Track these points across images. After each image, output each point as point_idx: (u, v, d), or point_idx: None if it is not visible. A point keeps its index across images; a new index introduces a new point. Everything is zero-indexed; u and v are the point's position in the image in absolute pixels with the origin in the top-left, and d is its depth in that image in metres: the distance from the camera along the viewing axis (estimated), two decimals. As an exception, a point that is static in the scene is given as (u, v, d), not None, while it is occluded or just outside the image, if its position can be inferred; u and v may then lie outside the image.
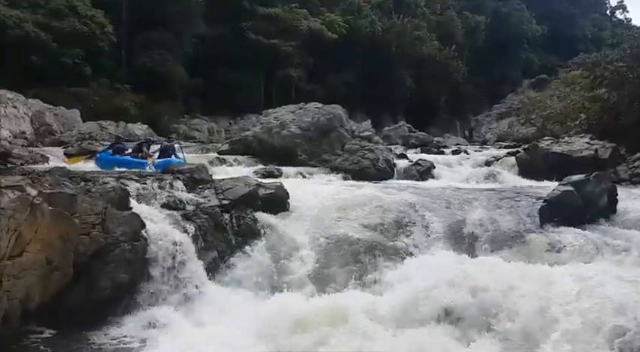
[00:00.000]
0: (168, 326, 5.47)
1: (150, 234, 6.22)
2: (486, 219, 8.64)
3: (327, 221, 8.42)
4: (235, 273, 6.82)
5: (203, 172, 8.48)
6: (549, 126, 20.61)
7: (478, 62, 55.75)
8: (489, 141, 33.26)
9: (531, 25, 61.99)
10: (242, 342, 5.03)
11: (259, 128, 18.24)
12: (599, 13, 78.57)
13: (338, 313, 5.60)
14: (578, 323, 5.03)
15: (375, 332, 5.29)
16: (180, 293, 6.08)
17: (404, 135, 29.86)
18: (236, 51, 36.42)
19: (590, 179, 8.93)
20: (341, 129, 17.59)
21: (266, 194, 8.54)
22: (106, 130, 24.31)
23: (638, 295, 5.40)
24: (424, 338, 5.23)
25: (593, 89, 17.52)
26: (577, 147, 14.59)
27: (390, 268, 7.25)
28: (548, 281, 5.94)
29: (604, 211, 8.80)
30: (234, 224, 7.53)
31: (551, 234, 8.05)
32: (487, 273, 6.13)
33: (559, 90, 24.73)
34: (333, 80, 43.09)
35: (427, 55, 49.58)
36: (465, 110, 54.70)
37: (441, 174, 16.39)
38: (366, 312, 5.63)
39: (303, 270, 7.02)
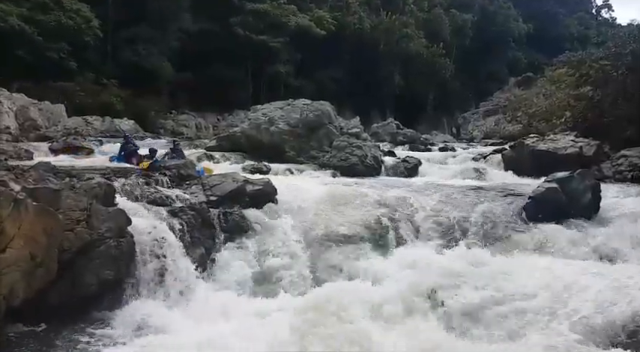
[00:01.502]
0: (154, 323, 5.44)
1: (136, 231, 6.18)
2: (472, 215, 8.74)
3: (315, 217, 8.46)
4: (223, 269, 6.81)
5: (190, 168, 8.44)
6: (535, 123, 20.80)
7: (465, 60, 56.14)
8: (476, 138, 33.50)
9: (518, 24, 62.58)
10: (231, 339, 5.02)
11: (247, 124, 18.15)
12: (585, 12, 79.54)
13: (329, 307, 5.63)
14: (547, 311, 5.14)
15: (368, 325, 5.33)
16: (167, 290, 6.05)
17: (392, 132, 29.93)
18: (224, 46, 36.20)
19: (574, 176, 9.08)
20: (329, 125, 17.58)
21: (254, 190, 8.52)
22: (91, 125, 24.04)
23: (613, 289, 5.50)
24: (415, 329, 5.29)
25: (578, 87, 17.72)
26: (562, 145, 14.75)
27: (378, 262, 7.31)
28: (529, 274, 6.04)
29: (588, 208, 8.93)
30: (221, 220, 7.52)
31: (536, 230, 8.18)
32: (470, 268, 6.21)
33: (545, 88, 24.98)
34: (322, 76, 43.08)
35: (415, 53, 49.78)
36: (452, 107, 55.05)
37: (428, 171, 16.48)
38: (358, 305, 5.67)
39: (291, 265, 7.04)
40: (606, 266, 6.90)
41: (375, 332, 5.15)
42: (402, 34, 49.09)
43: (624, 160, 13.46)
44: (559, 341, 4.81)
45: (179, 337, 5.07)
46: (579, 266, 6.75)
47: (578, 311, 5.23)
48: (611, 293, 5.42)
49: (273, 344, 4.88)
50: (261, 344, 4.87)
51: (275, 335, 4.98)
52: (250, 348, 4.79)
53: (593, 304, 5.30)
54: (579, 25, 72.70)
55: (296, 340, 4.93)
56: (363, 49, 45.51)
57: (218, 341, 4.94)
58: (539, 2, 69.33)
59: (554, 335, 4.95)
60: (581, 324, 4.99)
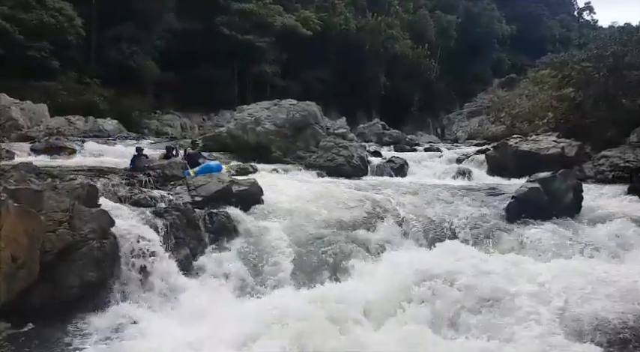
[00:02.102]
0: (138, 324, 5.40)
1: (119, 232, 6.11)
2: (457, 215, 8.82)
3: (301, 217, 8.46)
4: (208, 270, 6.76)
5: (175, 168, 8.37)
6: (518, 124, 21.04)
7: (450, 61, 56.59)
8: (461, 138, 33.77)
9: (501, 25, 63.24)
10: (216, 339, 5.00)
11: (233, 124, 18.06)
12: (567, 14, 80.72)
13: (314, 307, 5.65)
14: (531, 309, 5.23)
15: (354, 325, 5.35)
16: (151, 291, 6.00)
17: (378, 133, 30.05)
18: (210, 46, 35.96)
19: (556, 176, 9.22)
20: (316, 126, 17.59)
21: (240, 190, 8.51)
22: (74, 125, 23.70)
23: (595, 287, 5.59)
24: (402, 329, 5.32)
25: (561, 88, 17.98)
26: (544, 146, 14.95)
27: (364, 262, 7.34)
28: (513, 273, 6.12)
29: (569, 208, 9.08)
30: (206, 221, 7.48)
31: (518, 229, 8.29)
32: (455, 267, 6.27)
33: (528, 89, 25.28)
34: (308, 77, 43.07)
35: (400, 54, 50.03)
36: (437, 108, 55.44)
37: (414, 171, 16.60)
38: (343, 305, 5.69)
39: (277, 266, 7.01)
40: (588, 264, 7.02)
41: (363, 332, 5.17)
42: (388, 35, 49.31)
43: (605, 160, 13.71)
44: (543, 339, 4.88)
45: (162, 339, 5.03)
46: (562, 265, 6.86)
47: (561, 309, 5.32)
48: (594, 291, 5.51)
49: (259, 346, 4.88)
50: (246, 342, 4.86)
51: (262, 338, 4.97)
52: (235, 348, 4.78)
53: (576, 302, 5.40)
54: (562, 27, 73.74)
55: (283, 341, 4.93)
56: (349, 50, 45.62)
57: (203, 340, 4.91)
58: (523, 4, 70.22)
59: (538, 333, 5.02)
60: (564, 322, 5.07)
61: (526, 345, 4.89)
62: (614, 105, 15.57)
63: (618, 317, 4.95)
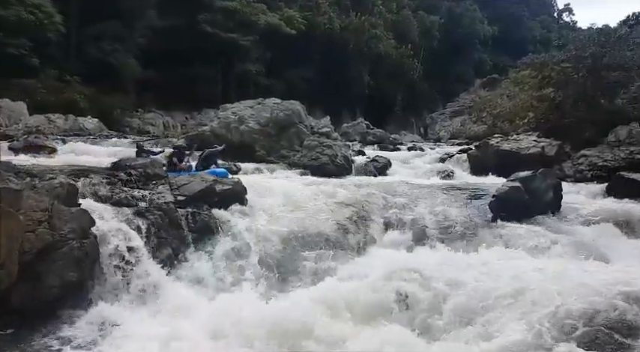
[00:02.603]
0: (120, 326, 5.34)
1: (100, 232, 6.04)
2: (439, 214, 8.91)
3: (285, 216, 8.45)
4: (191, 270, 6.72)
5: (157, 167, 8.27)
6: (499, 124, 21.34)
7: (433, 61, 57.06)
8: (443, 138, 34.11)
9: (483, 26, 64.00)
10: (197, 339, 4.97)
11: (217, 123, 17.99)
12: (547, 15, 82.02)
13: (296, 307, 5.65)
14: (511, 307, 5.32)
15: (335, 326, 5.36)
16: (133, 292, 5.94)
17: (362, 132, 30.18)
18: (193, 44, 35.65)
19: (536, 175, 9.36)
20: (300, 125, 17.59)
21: (223, 190, 8.43)
22: (54, 124, 23.34)
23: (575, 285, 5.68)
24: (384, 328, 5.35)
25: (541, 89, 18.28)
26: (525, 145, 15.19)
27: (347, 262, 7.36)
28: (493, 271, 6.19)
29: (549, 206, 9.23)
30: (189, 220, 7.40)
31: (499, 228, 8.39)
32: (438, 266, 6.32)
33: (509, 89, 25.65)
34: (292, 76, 43.03)
35: (384, 53, 50.28)
36: (420, 108, 55.86)
37: (397, 170, 16.72)
38: (325, 306, 5.71)
39: (260, 266, 7.00)
40: (568, 263, 7.14)
41: (344, 332, 5.19)
42: (372, 34, 49.51)
43: (584, 160, 13.98)
44: (524, 338, 4.93)
45: (144, 339, 4.99)
46: (542, 263, 6.97)
47: (541, 308, 5.37)
48: (573, 289, 5.58)
49: (241, 345, 4.87)
50: (229, 345, 4.84)
51: (242, 343, 4.96)
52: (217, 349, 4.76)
53: (556, 300, 5.46)
54: (542, 27, 74.89)
55: (264, 341, 4.94)
56: (333, 49, 45.69)
57: (185, 341, 4.88)
58: (504, 5, 71.14)
59: (518, 332, 5.08)
60: (544, 320, 5.12)
61: (507, 344, 4.93)
62: (593, 106, 15.88)
63: (595, 315, 5.02)
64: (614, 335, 4.69)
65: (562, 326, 4.96)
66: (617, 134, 14.64)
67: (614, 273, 6.34)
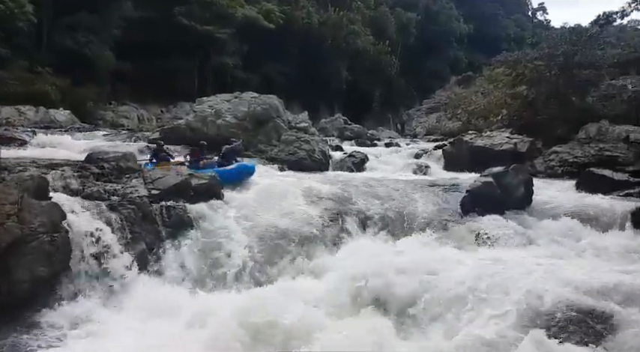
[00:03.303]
0: (91, 320, 5.27)
1: (71, 225, 5.93)
2: (414, 209, 9.02)
3: (261, 211, 8.43)
4: (165, 265, 6.66)
5: (130, 161, 8.13)
6: (474, 120, 21.65)
7: (410, 58, 57.45)
8: (419, 134, 34.41)
9: (459, 24, 64.70)
10: (169, 334, 4.94)
11: (193, 116, 17.77)
12: (522, 14, 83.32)
13: (272, 303, 5.66)
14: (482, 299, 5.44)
15: (311, 320, 5.40)
16: (105, 286, 5.85)
17: (339, 128, 30.23)
18: (169, 36, 35.05)
19: (508, 171, 9.55)
20: (277, 119, 17.53)
21: (199, 184, 8.37)
22: (24, 116, 22.70)
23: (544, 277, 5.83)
24: (357, 322, 5.40)
25: (514, 86, 18.60)
26: (498, 141, 15.48)
27: (324, 256, 7.40)
28: (465, 264, 6.31)
29: (521, 201, 9.44)
30: (164, 215, 7.32)
31: (472, 222, 8.55)
32: (412, 260, 6.41)
33: (483, 86, 26.01)
34: (271, 70, 42.75)
35: (362, 49, 50.38)
36: (397, 104, 56.22)
37: (375, 165, 16.83)
38: (300, 301, 5.74)
39: (234, 261, 6.97)
40: (538, 255, 7.32)
41: (316, 326, 5.22)
42: (350, 30, 49.54)
43: (555, 156, 14.31)
44: (494, 328, 5.05)
45: (116, 334, 4.93)
46: (513, 256, 7.14)
47: (513, 298, 5.50)
48: (544, 281, 5.73)
49: (212, 343, 4.86)
50: (198, 343, 4.83)
51: (214, 335, 4.96)
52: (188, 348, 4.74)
53: (525, 292, 5.59)
54: (516, 26, 76.02)
55: (236, 338, 4.94)
56: (311, 44, 45.56)
57: (158, 335, 4.84)
58: (479, 3, 72.05)
59: (490, 323, 5.19)
60: (515, 311, 5.24)
61: (480, 334, 5.03)
62: (565, 103, 16.26)
63: (565, 306, 5.15)
64: (584, 325, 4.85)
65: (533, 316, 5.10)
66: (588, 131, 15.02)
67: (583, 266, 6.56)
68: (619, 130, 14.52)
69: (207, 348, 4.79)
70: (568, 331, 4.84)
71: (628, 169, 12.21)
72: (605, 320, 4.85)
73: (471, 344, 4.75)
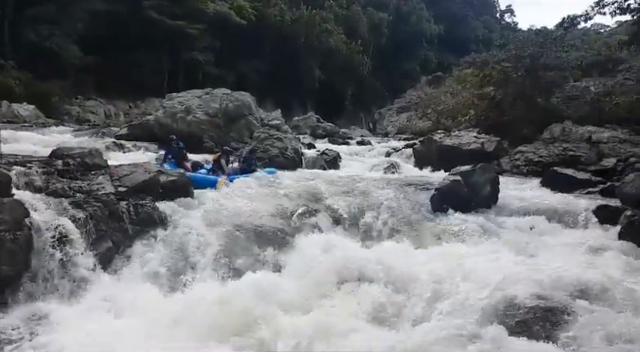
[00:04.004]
0: (54, 321, 5.12)
1: (35, 223, 5.75)
2: (385, 207, 9.11)
3: (231, 209, 8.36)
4: (132, 263, 6.52)
5: (96, 157, 7.93)
6: (443, 120, 22.03)
7: (381, 58, 57.99)
8: (391, 133, 34.72)
9: (430, 25, 65.69)
10: (135, 334, 4.85)
11: (162, 112, 17.52)
12: (490, 16, 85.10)
13: (242, 298, 5.64)
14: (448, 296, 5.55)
15: (278, 313, 5.40)
16: (69, 286, 5.69)
17: (312, 126, 30.29)
18: (137, 30, 34.37)
19: (475, 170, 9.76)
20: (250, 116, 17.45)
21: (168, 181, 8.25)
22: (-16, 110, 21.92)
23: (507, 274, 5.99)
24: (324, 318, 5.43)
25: (482, 87, 19.02)
26: (466, 141, 15.80)
27: (292, 253, 7.41)
28: (433, 262, 6.43)
29: (488, 199, 9.65)
30: (131, 212, 7.15)
31: (440, 219, 8.70)
32: (381, 257, 6.49)
33: (452, 87, 26.51)
34: (243, 67, 42.42)
35: (334, 48, 50.56)
36: (369, 103, 56.68)
37: (347, 163, 16.94)
38: (268, 295, 5.73)
39: (203, 259, 6.89)
40: (503, 252, 7.50)
41: (286, 322, 5.24)
42: (322, 29, 49.64)
43: (521, 155, 14.70)
44: (455, 324, 5.16)
45: (79, 334, 4.81)
46: (478, 252, 7.30)
47: (475, 296, 5.63)
48: (507, 278, 5.87)
49: (177, 340, 4.81)
50: (164, 341, 4.77)
51: (181, 332, 4.90)
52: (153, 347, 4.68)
53: (489, 287, 5.73)
54: (485, 28, 77.65)
55: (203, 335, 4.91)
56: (284, 42, 45.43)
57: (121, 336, 4.75)
58: (449, 5, 73.25)
59: (452, 319, 5.30)
60: (478, 307, 5.36)
61: (441, 331, 5.12)
62: (530, 104, 16.72)
63: (527, 302, 5.29)
64: (545, 319, 4.99)
65: (493, 313, 5.23)
66: (552, 131, 15.48)
67: (547, 261, 6.76)
68: (582, 131, 15.03)
69: (171, 346, 4.74)
70: (529, 326, 4.97)
71: (590, 169, 12.65)
72: (566, 315, 4.99)
73: (431, 339, 4.83)
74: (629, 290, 5.57)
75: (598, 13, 14.84)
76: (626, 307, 5.21)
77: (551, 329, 4.88)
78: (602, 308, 5.07)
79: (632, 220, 7.94)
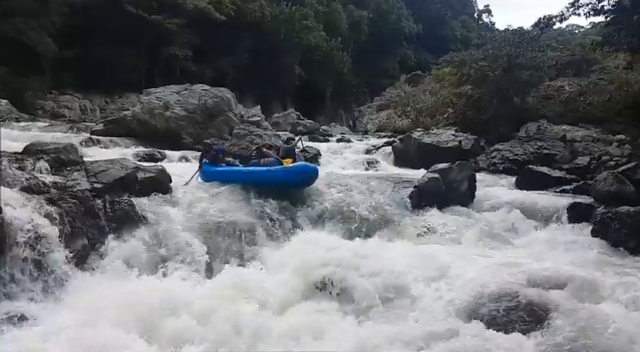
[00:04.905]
0: (29, 319, 5.02)
1: (7, 220, 5.62)
2: (364, 203, 9.15)
3: (210, 205, 8.31)
4: (108, 260, 6.42)
5: (72, 153, 7.78)
6: (422, 118, 22.20)
7: (361, 55, 58.17)
8: (370, 131, 34.81)
9: (409, 23, 66.06)
10: (112, 332, 4.79)
11: (139, 108, 17.23)
12: (468, 16, 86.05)
13: (220, 294, 5.62)
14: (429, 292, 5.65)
15: (258, 310, 5.40)
16: (43, 283, 5.59)
17: (292, 123, 30.16)
18: (115, 24, 33.74)
19: (453, 167, 9.89)
20: (229, 113, 17.31)
21: (145, 177, 8.15)
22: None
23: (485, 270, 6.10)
24: (305, 313, 5.45)
25: (460, 86, 19.23)
26: (444, 139, 15.97)
27: (273, 249, 7.41)
28: (413, 258, 6.50)
29: (465, 196, 9.80)
30: (107, 209, 7.05)
31: (419, 216, 8.79)
32: (359, 253, 6.53)
33: (431, 85, 26.74)
34: (223, 63, 42.01)
35: (314, 45, 50.50)
36: (349, 101, 56.82)
37: (326, 161, 16.92)
38: (248, 292, 5.73)
39: (181, 256, 6.83)
40: (480, 249, 7.64)
41: (265, 318, 5.24)
42: (303, 25, 49.52)
43: (497, 153, 14.92)
44: (435, 318, 5.23)
45: (53, 333, 4.72)
46: (455, 249, 7.42)
47: (453, 291, 5.72)
48: (484, 274, 5.98)
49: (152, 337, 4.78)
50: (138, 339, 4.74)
51: (156, 329, 4.88)
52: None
53: (467, 283, 5.82)
54: (463, 27, 78.48)
55: (184, 331, 4.88)
56: (264, 38, 45.15)
57: (96, 333, 4.69)
58: (428, 4, 73.87)
59: (431, 313, 5.37)
60: (455, 302, 5.45)
61: (421, 325, 5.19)
62: (507, 103, 16.98)
63: (504, 297, 5.39)
64: (523, 313, 5.10)
65: (472, 308, 5.32)
66: (528, 130, 15.76)
67: (522, 257, 6.90)
68: (557, 129, 15.34)
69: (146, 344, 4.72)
70: (508, 320, 5.05)
71: (564, 167, 12.91)
72: (542, 309, 5.10)
73: (411, 334, 4.90)
74: (601, 285, 5.74)
75: (573, 13, 15.14)
76: (598, 300, 5.36)
77: (528, 323, 4.98)
78: (575, 301, 5.19)
79: (604, 218, 8.15)
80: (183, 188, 8.91)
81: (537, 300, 5.22)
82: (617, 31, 12.15)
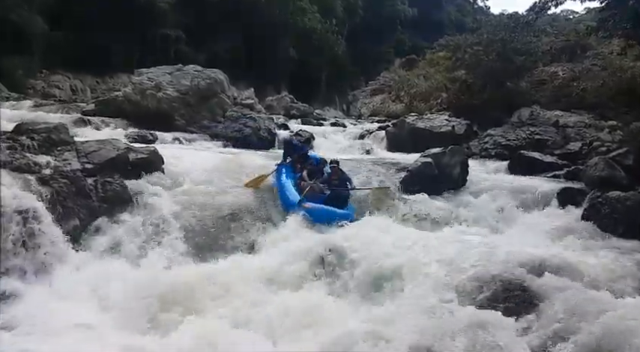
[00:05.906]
0: (19, 298, 5.02)
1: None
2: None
3: (204, 188, 8.31)
4: (99, 241, 6.42)
5: (63, 132, 7.69)
6: (416, 103, 22.16)
7: (356, 39, 57.60)
8: (364, 115, 34.69)
9: (404, 7, 65.39)
10: (104, 315, 4.81)
11: (131, 88, 16.97)
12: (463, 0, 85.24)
13: (214, 278, 5.65)
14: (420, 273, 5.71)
15: (254, 293, 5.43)
16: (35, 263, 5.57)
17: (286, 106, 29.99)
18: (106, 4, 33.15)
19: (445, 152, 9.93)
20: (222, 95, 17.12)
21: (137, 159, 8.12)
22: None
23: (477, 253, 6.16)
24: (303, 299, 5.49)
25: (454, 70, 19.17)
26: (437, 124, 15.97)
27: (265, 233, 7.42)
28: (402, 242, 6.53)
29: (457, 181, 9.86)
30: (99, 189, 7.02)
31: (411, 200, 8.83)
32: (352, 238, 6.56)
33: (425, 70, 26.61)
34: (216, 45, 41.45)
35: (309, 27, 49.91)
36: (343, 85, 56.43)
37: (320, 144, 16.89)
38: (243, 275, 5.75)
39: (174, 239, 6.83)
40: (472, 232, 7.69)
41: (262, 300, 5.27)
42: (297, 7, 48.90)
43: (489, 139, 14.95)
44: (428, 302, 5.28)
45: (45, 313, 4.73)
46: (448, 232, 7.47)
47: (446, 274, 5.76)
48: (476, 257, 6.03)
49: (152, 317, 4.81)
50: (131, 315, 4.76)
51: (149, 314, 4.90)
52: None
53: (460, 266, 5.88)
54: (458, 11, 77.80)
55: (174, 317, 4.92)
56: (258, 20, 44.57)
57: (90, 314, 4.71)
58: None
59: (424, 296, 5.42)
60: (448, 285, 5.50)
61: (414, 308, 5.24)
62: (501, 88, 16.96)
63: (498, 279, 5.45)
64: (512, 299, 5.17)
65: (465, 291, 5.38)
66: (521, 115, 15.77)
67: (514, 241, 6.98)
68: (549, 115, 15.36)
69: (134, 326, 4.75)
70: (498, 303, 5.12)
71: (556, 152, 12.97)
72: (533, 292, 5.18)
73: (405, 313, 4.96)
74: (591, 268, 5.83)
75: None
76: (586, 285, 5.43)
77: (523, 306, 5.05)
78: (565, 284, 5.26)
79: (594, 203, 8.24)
80: (176, 170, 8.80)
81: (527, 284, 5.29)
82: (611, 16, 12.10)
